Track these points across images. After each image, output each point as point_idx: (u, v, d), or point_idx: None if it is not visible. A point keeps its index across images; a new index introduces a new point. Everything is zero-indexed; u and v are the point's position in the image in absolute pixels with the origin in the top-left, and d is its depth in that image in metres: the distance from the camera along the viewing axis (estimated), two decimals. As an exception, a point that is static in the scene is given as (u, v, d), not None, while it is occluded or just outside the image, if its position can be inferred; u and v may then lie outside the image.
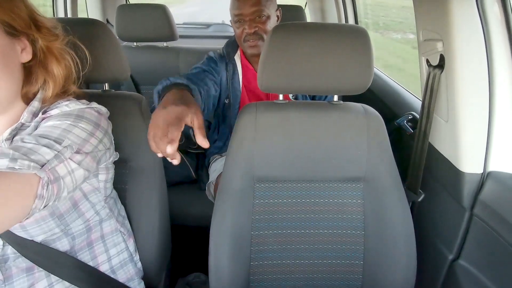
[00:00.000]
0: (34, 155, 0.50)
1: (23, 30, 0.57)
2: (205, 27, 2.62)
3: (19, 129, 0.59)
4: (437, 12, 0.76)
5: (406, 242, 0.80)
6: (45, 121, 0.58)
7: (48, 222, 0.60)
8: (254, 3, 1.09)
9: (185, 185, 1.37)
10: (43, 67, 0.61)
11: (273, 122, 0.81)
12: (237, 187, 0.80)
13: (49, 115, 0.60)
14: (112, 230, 0.73)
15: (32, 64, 0.60)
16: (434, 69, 0.81)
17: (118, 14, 1.46)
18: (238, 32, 1.14)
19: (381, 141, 0.81)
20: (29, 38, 0.58)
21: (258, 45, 1.14)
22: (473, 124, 0.75)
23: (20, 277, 0.62)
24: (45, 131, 0.54)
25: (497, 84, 0.73)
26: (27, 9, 0.58)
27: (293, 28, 0.78)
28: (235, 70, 1.20)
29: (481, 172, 0.77)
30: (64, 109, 0.60)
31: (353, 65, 0.76)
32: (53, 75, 0.61)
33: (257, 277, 0.83)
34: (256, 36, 1.12)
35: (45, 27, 0.60)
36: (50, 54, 0.61)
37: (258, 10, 1.10)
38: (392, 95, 1.32)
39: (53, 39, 0.61)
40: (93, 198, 0.67)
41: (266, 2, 1.11)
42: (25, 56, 0.58)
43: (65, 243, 0.64)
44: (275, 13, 1.17)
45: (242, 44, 1.16)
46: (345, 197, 0.83)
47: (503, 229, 0.69)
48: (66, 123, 0.56)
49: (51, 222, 0.61)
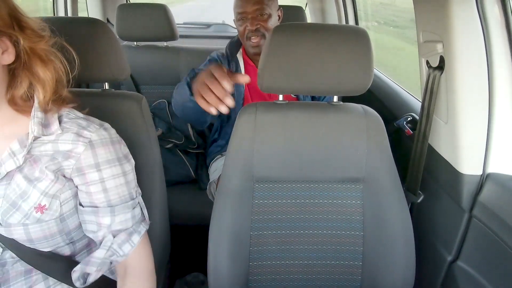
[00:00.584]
0: (135, 219, 0.66)
1: (2, 29, 0.53)
2: (206, 27, 2.62)
3: (33, 142, 0.59)
4: (437, 13, 0.76)
5: (405, 243, 0.80)
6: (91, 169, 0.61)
7: (56, 239, 0.62)
8: (257, 1, 1.14)
9: (185, 184, 1.37)
10: (27, 69, 0.58)
11: (272, 122, 0.81)
12: (237, 187, 0.80)
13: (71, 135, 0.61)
14: None
15: (15, 66, 0.56)
16: (434, 71, 0.81)
17: (119, 14, 1.46)
18: (241, 29, 1.19)
19: (380, 142, 0.81)
20: (11, 39, 0.55)
21: (260, 44, 1.18)
22: (473, 125, 0.75)
23: (18, 281, 0.62)
24: (118, 194, 0.64)
25: (497, 86, 0.73)
26: (7, 7, 0.54)
27: (293, 29, 0.79)
28: (237, 69, 1.22)
29: (481, 173, 0.77)
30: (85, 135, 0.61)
31: (353, 66, 0.76)
32: (39, 78, 0.58)
33: (256, 277, 0.83)
34: (258, 33, 1.16)
35: (29, 27, 0.57)
36: (34, 56, 0.58)
37: (260, 8, 1.14)
38: (392, 96, 1.33)
39: (38, 40, 0.57)
40: None
41: (268, 1, 1.15)
42: (7, 58, 0.55)
43: (67, 250, 0.65)
44: (276, 13, 1.21)
45: (245, 43, 1.20)
46: (345, 198, 0.83)
47: (502, 231, 0.69)
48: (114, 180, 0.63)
49: (58, 238, 0.62)
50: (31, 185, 0.58)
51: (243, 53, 1.25)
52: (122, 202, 0.64)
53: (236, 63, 1.23)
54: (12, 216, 0.58)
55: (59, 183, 0.60)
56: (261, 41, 1.17)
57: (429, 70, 0.83)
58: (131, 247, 0.64)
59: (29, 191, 0.58)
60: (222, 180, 0.83)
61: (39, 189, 0.58)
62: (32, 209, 0.58)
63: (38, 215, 0.58)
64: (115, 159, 0.63)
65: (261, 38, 1.16)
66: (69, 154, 0.60)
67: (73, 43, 0.77)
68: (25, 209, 0.58)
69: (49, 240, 0.61)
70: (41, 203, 0.58)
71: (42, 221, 0.59)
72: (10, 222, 0.58)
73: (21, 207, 0.58)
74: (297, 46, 0.76)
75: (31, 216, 0.58)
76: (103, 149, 0.62)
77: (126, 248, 0.64)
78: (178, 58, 1.55)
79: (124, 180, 0.64)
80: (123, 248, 0.64)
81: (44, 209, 0.59)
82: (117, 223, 0.64)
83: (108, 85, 0.87)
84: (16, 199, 0.58)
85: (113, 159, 0.63)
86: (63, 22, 0.85)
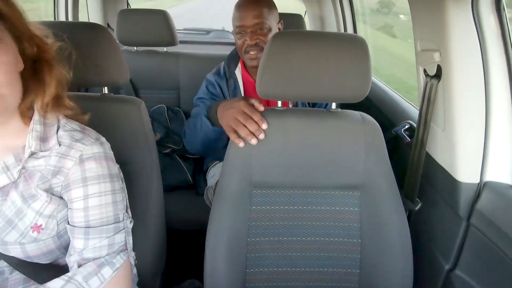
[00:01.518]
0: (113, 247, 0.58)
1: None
2: (205, 33, 2.64)
3: (28, 157, 0.56)
4: (434, 22, 0.77)
5: (403, 251, 0.80)
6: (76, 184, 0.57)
7: (54, 253, 0.60)
8: (256, 15, 1.09)
9: (182, 190, 1.36)
10: (35, 76, 0.57)
11: (271, 129, 0.81)
12: (234, 193, 0.80)
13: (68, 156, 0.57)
14: None
15: (24, 74, 0.55)
16: (431, 79, 0.81)
17: (119, 19, 1.47)
18: (239, 43, 1.14)
19: (378, 149, 0.82)
20: (19, 47, 0.54)
21: (258, 57, 1.12)
22: (470, 133, 0.76)
23: None
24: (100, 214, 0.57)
25: (493, 94, 0.74)
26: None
27: (293, 36, 0.79)
28: (236, 85, 1.19)
29: (478, 182, 0.77)
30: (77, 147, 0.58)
31: (351, 74, 0.77)
32: (44, 85, 0.57)
33: (253, 284, 0.82)
34: (257, 47, 1.11)
35: (36, 35, 0.56)
36: (40, 62, 0.57)
37: (260, 23, 1.09)
38: (389, 103, 1.33)
39: (45, 48, 0.57)
40: None
41: (268, 15, 1.11)
42: (19, 65, 0.54)
43: (64, 260, 0.63)
44: (276, 26, 1.16)
45: (243, 56, 1.16)
46: (342, 205, 0.83)
47: (499, 239, 0.69)
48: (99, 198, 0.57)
49: (57, 252, 0.61)
50: (25, 204, 0.56)
51: (242, 67, 1.21)
52: (102, 224, 0.57)
53: (234, 80, 1.19)
54: (8, 235, 0.56)
55: (53, 204, 0.57)
56: (259, 54, 1.12)
57: (427, 79, 0.83)
58: (100, 283, 0.55)
59: (24, 209, 0.56)
60: (219, 185, 0.82)
61: (33, 209, 0.56)
62: (29, 228, 0.56)
63: (34, 234, 0.57)
64: (107, 175, 0.59)
65: (259, 51, 1.11)
66: (57, 171, 0.57)
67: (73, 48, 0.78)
68: (22, 228, 0.56)
69: (47, 255, 0.60)
70: (37, 223, 0.56)
71: (39, 240, 0.57)
72: (7, 241, 0.57)
73: (17, 225, 0.56)
74: (295, 53, 0.76)
75: (27, 235, 0.57)
76: (94, 163, 0.58)
77: (94, 283, 0.55)
78: (178, 63, 1.56)
79: (111, 199, 0.58)
80: (90, 282, 0.54)
81: (41, 228, 0.57)
82: (90, 249, 0.56)
83: (107, 89, 0.87)
84: (12, 217, 0.56)
85: (104, 175, 0.58)
86: (64, 26, 0.85)
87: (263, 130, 0.79)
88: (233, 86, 1.19)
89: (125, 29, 1.47)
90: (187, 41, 2.24)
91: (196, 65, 1.54)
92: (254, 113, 0.79)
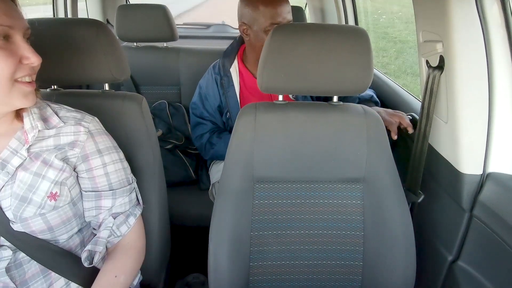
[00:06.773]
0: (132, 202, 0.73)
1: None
2: (205, 27, 2.62)
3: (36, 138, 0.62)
4: (436, 13, 0.76)
5: (406, 243, 0.80)
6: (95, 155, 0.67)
7: (72, 223, 0.66)
8: (289, 11, 1.14)
9: (185, 185, 1.36)
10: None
11: (272, 123, 0.81)
12: (237, 187, 0.80)
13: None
14: None
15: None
16: (433, 70, 0.81)
17: (118, 14, 1.46)
18: None
19: (380, 142, 0.81)
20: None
21: None
22: (473, 125, 0.75)
23: (37, 280, 0.63)
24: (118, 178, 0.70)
25: (497, 85, 0.73)
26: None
27: (293, 29, 0.79)
28: (230, 84, 1.21)
29: (481, 173, 0.77)
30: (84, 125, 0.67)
31: (353, 66, 0.76)
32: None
33: (257, 277, 0.83)
34: None
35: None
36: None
37: (290, 18, 1.14)
38: (391, 96, 1.32)
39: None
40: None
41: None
42: None
43: (77, 239, 0.68)
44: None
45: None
46: (345, 198, 0.83)
47: (502, 230, 0.69)
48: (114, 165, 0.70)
49: (74, 222, 0.66)
50: (39, 177, 0.61)
51: (240, 64, 1.22)
52: (122, 186, 0.71)
53: (228, 78, 1.21)
54: (25, 211, 0.60)
55: (67, 172, 0.64)
56: None
57: (429, 70, 0.82)
58: (127, 228, 0.71)
59: (36, 183, 0.61)
60: (222, 180, 0.83)
61: (49, 179, 0.62)
62: (46, 198, 0.61)
63: (52, 202, 0.62)
64: (112, 147, 0.70)
65: None
66: (73, 144, 0.65)
67: (73, 44, 0.77)
68: (38, 200, 0.61)
69: (67, 224, 0.64)
70: (52, 191, 0.62)
71: (57, 207, 0.62)
72: (26, 217, 0.60)
73: (33, 199, 0.60)
74: (296, 46, 0.76)
75: (46, 205, 0.61)
76: (100, 137, 0.68)
77: (123, 229, 0.70)
78: (178, 59, 1.55)
79: (121, 165, 0.71)
80: (120, 229, 0.70)
81: (57, 195, 0.62)
82: (117, 206, 0.70)
83: (108, 86, 0.87)
84: (24, 194, 0.60)
85: (110, 147, 0.70)
86: (63, 23, 0.85)
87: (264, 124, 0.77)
88: (227, 85, 1.21)
89: (124, 25, 1.47)
90: (187, 36, 2.23)
91: (197, 60, 1.53)
92: None
